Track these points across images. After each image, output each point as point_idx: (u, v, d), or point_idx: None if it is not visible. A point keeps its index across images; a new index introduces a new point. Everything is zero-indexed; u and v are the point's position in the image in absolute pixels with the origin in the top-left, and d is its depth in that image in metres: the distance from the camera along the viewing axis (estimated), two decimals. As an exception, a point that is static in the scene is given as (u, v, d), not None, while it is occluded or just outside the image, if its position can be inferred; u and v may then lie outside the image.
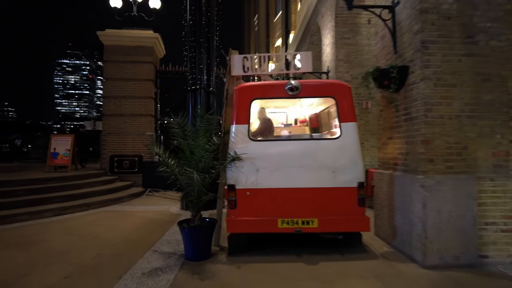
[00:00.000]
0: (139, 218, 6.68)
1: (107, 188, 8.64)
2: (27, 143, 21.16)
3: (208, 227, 4.21)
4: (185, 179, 4.09)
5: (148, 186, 9.78)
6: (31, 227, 5.75)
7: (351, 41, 7.93)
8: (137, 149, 10.31)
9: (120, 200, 8.31)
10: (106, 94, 10.49)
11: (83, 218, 6.51)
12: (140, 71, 10.51)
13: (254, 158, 4.14)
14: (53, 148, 9.48)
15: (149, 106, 10.54)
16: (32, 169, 10.32)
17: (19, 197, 6.68)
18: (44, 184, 7.58)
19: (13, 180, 7.17)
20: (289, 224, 4.09)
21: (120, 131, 10.34)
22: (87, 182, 8.54)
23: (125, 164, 10.20)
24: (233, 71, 4.70)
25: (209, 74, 7.74)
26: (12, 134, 22.95)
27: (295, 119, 6.85)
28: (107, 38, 10.44)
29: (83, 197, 7.64)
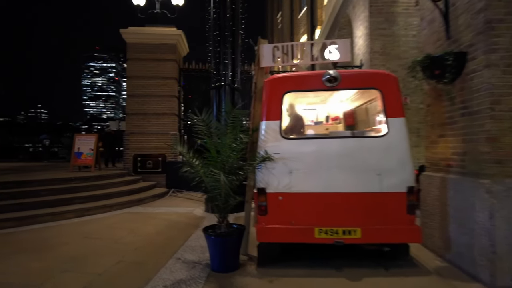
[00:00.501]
0: (161, 220, 6.37)
1: (130, 189, 8.44)
2: (57, 143, 21.64)
3: (237, 235, 3.79)
4: (211, 181, 3.70)
5: (171, 186, 9.53)
6: (52, 229, 5.55)
7: (387, 32, 7.30)
8: (160, 149, 10.08)
9: (142, 201, 8.07)
10: (129, 92, 10.33)
11: (105, 220, 6.27)
12: (163, 69, 10.28)
13: (287, 158, 3.69)
14: (77, 148, 9.40)
15: (172, 105, 10.30)
16: (57, 169, 10.33)
17: (42, 197, 6.55)
18: (67, 184, 7.45)
19: (36, 180, 7.07)
20: (328, 234, 3.60)
21: (144, 131, 10.16)
22: (110, 182, 8.37)
23: (149, 164, 10.00)
24: (262, 62, 4.27)
25: (234, 70, 7.36)
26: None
27: (326, 116, 6.34)
28: (130, 36, 10.29)
29: (105, 198, 7.44)
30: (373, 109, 4.59)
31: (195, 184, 3.97)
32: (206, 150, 3.86)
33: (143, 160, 10.00)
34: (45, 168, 11.08)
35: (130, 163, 10.03)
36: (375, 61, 7.28)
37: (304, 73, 4.25)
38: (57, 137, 30.96)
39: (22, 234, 5.26)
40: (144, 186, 9.05)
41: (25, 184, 6.82)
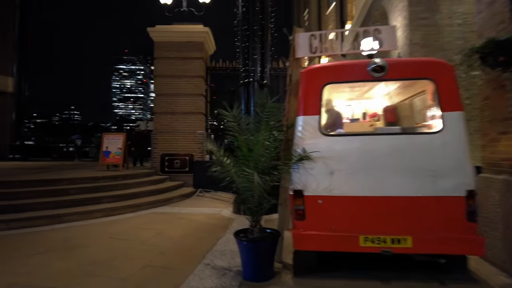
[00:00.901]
0: (189, 222, 6.17)
1: (157, 188, 8.32)
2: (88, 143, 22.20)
3: (271, 241, 3.47)
4: (243, 182, 3.40)
5: (199, 186, 9.36)
6: (79, 229, 5.47)
7: (429, 21, 6.73)
8: (188, 148, 9.95)
9: (170, 201, 7.93)
10: (157, 92, 10.28)
11: (132, 221, 6.14)
12: (190, 68, 10.15)
13: (328, 157, 3.32)
14: (105, 147, 9.43)
15: (199, 104, 10.14)
16: (87, 168, 10.44)
17: (71, 196, 6.52)
18: (95, 183, 7.42)
19: (66, 179, 7.08)
20: (375, 243, 3.20)
21: (171, 130, 10.06)
22: (137, 181, 8.29)
23: (176, 164, 9.89)
24: (297, 53, 3.92)
25: (263, 66, 7.05)
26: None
27: (363, 113, 5.90)
28: (157, 35, 10.23)
29: (132, 198, 7.35)
30: (422, 102, 4.12)
31: (225, 185, 3.69)
32: (237, 148, 3.57)
33: (171, 160, 9.90)
34: (75, 166, 11.26)
35: (157, 162, 9.96)
36: (416, 54, 6.72)
37: (346, 62, 3.85)
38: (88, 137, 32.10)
39: (50, 233, 5.21)
40: (171, 186, 8.93)
41: (56, 183, 6.83)
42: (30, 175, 7.68)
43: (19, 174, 8.02)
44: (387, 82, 4.10)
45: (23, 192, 6.17)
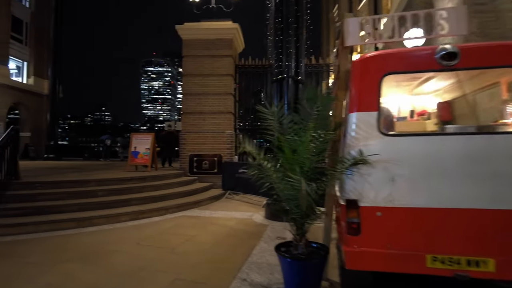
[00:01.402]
0: (219, 227, 5.80)
1: (186, 190, 8.04)
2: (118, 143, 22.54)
3: (319, 259, 2.99)
4: (286, 189, 2.95)
5: (227, 188, 9.01)
6: (106, 233, 5.22)
7: (487, 7, 6.00)
8: (216, 149, 9.64)
9: (199, 203, 7.62)
10: (185, 91, 10.04)
11: (160, 225, 5.85)
12: (219, 66, 9.83)
13: (388, 161, 2.80)
14: (133, 147, 9.30)
15: (228, 103, 9.80)
16: (116, 168, 10.38)
17: (98, 198, 6.35)
18: (123, 184, 7.23)
19: (94, 180, 6.93)
20: (446, 264, 2.65)
21: (200, 130, 9.79)
22: (166, 183, 8.06)
23: (205, 164, 9.61)
24: (347, 41, 3.42)
25: (298, 61, 6.57)
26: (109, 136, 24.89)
27: (410, 110, 5.28)
28: (185, 32, 9.99)
29: (161, 200, 7.10)
30: (494, 96, 3.50)
31: (253, 186, 3.26)
32: (278, 150, 3.12)
33: (199, 160, 9.63)
34: (105, 167, 11.27)
35: (186, 163, 9.72)
36: (471, 44, 6.01)
37: (409, 49, 3.32)
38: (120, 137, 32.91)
39: (78, 237, 4.99)
40: (200, 187, 8.63)
41: (84, 184, 6.69)
42: (59, 175, 7.63)
43: (51, 174, 8.00)
44: (449, 73, 3.51)
45: (51, 194, 6.04)
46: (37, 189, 6.17)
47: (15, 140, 6.24)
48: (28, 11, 23.64)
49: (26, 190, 6.04)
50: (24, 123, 22.62)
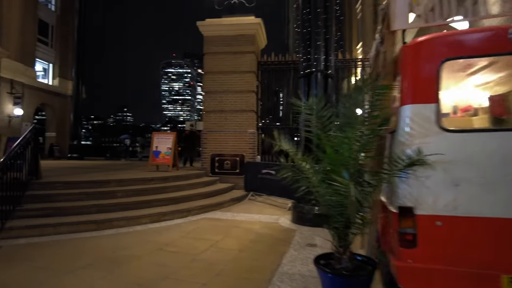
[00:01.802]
0: (244, 231, 5.45)
1: (208, 191, 7.75)
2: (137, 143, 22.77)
3: (367, 275, 2.57)
4: (329, 194, 2.55)
5: (250, 189, 8.67)
6: (126, 237, 4.97)
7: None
8: (238, 148, 9.33)
9: (221, 205, 7.31)
10: (206, 89, 9.77)
11: (182, 228, 5.57)
12: (241, 63, 9.51)
13: (451, 161, 2.36)
14: (155, 147, 9.11)
15: (250, 101, 9.46)
16: (137, 167, 10.25)
17: (118, 199, 6.13)
18: (144, 184, 7.01)
19: (114, 180, 6.73)
20: (528, 287, 2.19)
21: (221, 129, 9.50)
22: (188, 183, 7.80)
23: (226, 164, 9.31)
24: (394, 24, 2.99)
25: (327, 54, 6.14)
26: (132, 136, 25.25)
27: (453, 106, 4.76)
28: (207, 29, 9.73)
29: (183, 201, 6.84)
30: None
31: (283, 190, 2.87)
32: (317, 148, 2.73)
33: (221, 160, 9.34)
34: (126, 166, 11.17)
35: (207, 163, 9.45)
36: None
37: (472, 30, 2.87)
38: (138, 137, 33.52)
39: (97, 240, 4.76)
40: (222, 188, 8.33)
41: (104, 184, 6.50)
42: (80, 175, 7.51)
43: (72, 173, 7.91)
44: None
45: (71, 194, 5.88)
46: (57, 189, 6.03)
47: (36, 139, 6.12)
48: (54, 15, 24.19)
49: (46, 190, 5.91)
50: (50, 123, 23.16)
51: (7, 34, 19.51)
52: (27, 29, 21.00)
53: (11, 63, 19.34)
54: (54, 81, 23.65)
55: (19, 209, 5.18)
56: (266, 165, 8.31)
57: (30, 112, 20.86)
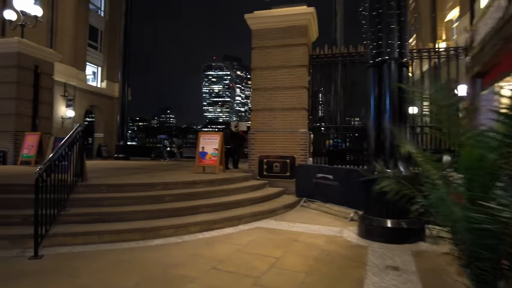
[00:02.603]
0: (306, 246, 4.69)
1: (258, 196, 7.08)
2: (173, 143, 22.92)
3: None
4: (475, 219, 1.71)
5: (302, 195, 7.88)
6: (174, 249, 4.40)
7: None
8: (288, 150, 8.57)
9: (274, 212, 6.60)
10: (254, 86, 9.12)
11: (235, 239, 4.92)
12: (291, 56, 8.75)
13: None
14: (201, 147, 8.63)
15: (302, 98, 8.66)
16: (180, 169, 9.86)
17: (165, 204, 5.65)
18: (191, 188, 6.50)
19: (160, 183, 6.27)
20: None
21: (270, 128, 8.80)
22: (236, 187, 7.18)
23: (275, 167, 8.59)
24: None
25: (402, 39, 5.20)
26: (174, 137, 25.56)
27: None
28: (255, 21, 9.09)
29: (232, 207, 6.23)
30: None
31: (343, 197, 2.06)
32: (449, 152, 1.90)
33: (270, 162, 8.64)
34: (170, 167, 10.87)
35: (255, 165, 8.80)
36: None
37: None
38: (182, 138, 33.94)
39: (142, 252, 4.25)
40: (272, 193, 7.62)
41: (149, 188, 6.08)
42: (126, 176, 7.19)
43: (117, 175, 7.64)
44: None
45: (116, 198, 5.49)
46: (102, 192, 5.68)
47: (82, 138, 5.82)
48: (103, 20, 25.12)
49: (92, 194, 5.57)
50: (98, 124, 24.02)
51: (61, 40, 20.43)
52: (79, 35, 21.90)
53: (64, 67, 20.22)
54: (102, 83, 24.52)
55: (63, 214, 4.84)
56: (321, 168, 7.48)
57: (81, 113, 21.71)
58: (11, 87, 11.32)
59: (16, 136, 11.24)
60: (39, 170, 4.09)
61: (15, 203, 5.08)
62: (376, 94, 5.38)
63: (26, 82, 11.61)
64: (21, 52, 11.40)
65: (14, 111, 11.28)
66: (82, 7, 22.37)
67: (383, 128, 5.24)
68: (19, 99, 11.35)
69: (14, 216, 4.74)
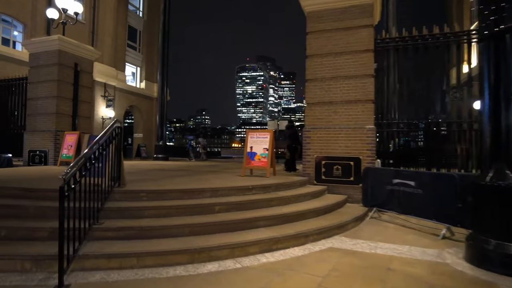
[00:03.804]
0: (407, 280, 3.43)
1: (321, 207, 5.88)
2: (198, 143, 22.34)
3: None
4: None
5: (372, 204, 6.57)
6: (234, 280, 3.32)
7: None
8: (352, 150, 7.29)
9: (343, 227, 5.37)
10: (309, 76, 7.91)
11: (309, 267, 3.75)
12: (354, 40, 7.47)
13: None
14: (249, 147, 7.59)
15: (368, 89, 7.34)
16: (224, 171, 8.86)
17: (216, 215, 4.63)
18: (243, 195, 5.46)
19: (208, 189, 5.26)
20: None
21: (329, 125, 7.56)
22: (294, 195, 6.03)
23: (336, 170, 7.34)
24: None
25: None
26: (210, 137, 25.34)
27: None
28: (310, 2, 7.88)
29: (294, 219, 5.09)
30: None
31: None
32: None
33: (329, 165, 7.40)
34: (210, 169, 9.93)
35: (311, 167, 7.60)
36: None
37: None
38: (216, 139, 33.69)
39: (192, 283, 3.22)
40: (335, 203, 6.37)
41: (197, 194, 5.10)
42: (167, 180, 6.28)
43: (158, 178, 6.77)
44: None
45: (158, 208, 4.54)
46: (141, 200, 4.78)
47: (118, 136, 4.97)
48: (141, 20, 25.06)
49: (130, 202, 4.68)
50: (137, 125, 23.95)
51: (101, 41, 20.44)
52: (118, 35, 21.88)
53: (104, 67, 20.22)
54: (141, 84, 24.42)
55: (96, 228, 3.96)
56: (399, 173, 6.13)
57: (121, 114, 21.64)
58: (52, 85, 10.98)
59: (56, 136, 10.87)
60: (64, 175, 3.20)
61: (43, 212, 4.29)
62: (492, 77, 4.01)
63: (66, 80, 11.24)
64: (62, 49, 11.04)
65: (55, 110, 10.92)
66: (122, 7, 22.35)
67: (505, 121, 3.87)
68: (59, 97, 10.98)
69: (40, 229, 3.93)
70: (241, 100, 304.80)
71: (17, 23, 17.11)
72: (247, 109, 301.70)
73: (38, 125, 11.18)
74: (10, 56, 15.97)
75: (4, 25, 16.72)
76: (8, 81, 12.74)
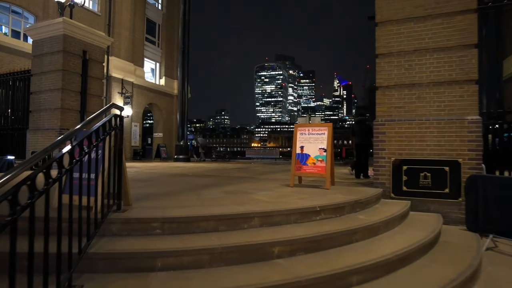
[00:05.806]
0: None
1: (424, 240, 3.81)
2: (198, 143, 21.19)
3: None
4: None
5: (483, 228, 4.48)
6: None
7: None
8: (447, 150, 5.19)
9: (474, 278, 3.31)
10: (381, 50, 5.79)
11: None
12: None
13: None
14: (299, 147, 5.63)
15: (468, 64, 5.21)
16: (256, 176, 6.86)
17: (279, 267, 2.62)
18: (309, 220, 3.52)
19: (254, 214, 3.29)
20: None
21: (411, 116, 5.48)
22: (382, 220, 3.99)
23: (424, 178, 5.25)
24: None
25: None
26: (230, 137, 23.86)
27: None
28: (380, -49, 5.85)
29: (396, 266, 3.09)
30: None
31: None
32: None
33: (412, 171, 5.32)
34: (245, 174, 7.99)
35: (386, 174, 5.53)
36: None
37: None
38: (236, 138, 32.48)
39: None
40: (437, 231, 4.28)
41: (240, 223, 3.19)
42: (191, 194, 4.40)
43: (177, 192, 4.93)
44: None
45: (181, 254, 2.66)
46: (154, 235, 2.92)
47: (117, 131, 3.14)
48: (160, 13, 23.58)
49: (134, 242, 2.81)
50: (157, 123, 22.49)
51: (118, 34, 19.01)
52: (136, 28, 20.42)
53: (121, 62, 18.79)
54: (160, 80, 22.94)
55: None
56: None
57: (139, 112, 20.19)
58: (57, 76, 9.41)
59: (61, 135, 9.28)
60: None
61: None
62: None
63: (73, 70, 9.65)
64: (67, 34, 9.44)
65: (59, 104, 9.35)
66: (139, -1, 20.92)
67: None
68: (64, 90, 9.40)
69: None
70: (260, 100, 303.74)
71: (28, 14, 15.87)
72: (266, 108, 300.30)
73: (42, 122, 9.65)
74: (20, 50, 14.71)
75: (15, 16, 15.52)
76: (9, 75, 11.27)
